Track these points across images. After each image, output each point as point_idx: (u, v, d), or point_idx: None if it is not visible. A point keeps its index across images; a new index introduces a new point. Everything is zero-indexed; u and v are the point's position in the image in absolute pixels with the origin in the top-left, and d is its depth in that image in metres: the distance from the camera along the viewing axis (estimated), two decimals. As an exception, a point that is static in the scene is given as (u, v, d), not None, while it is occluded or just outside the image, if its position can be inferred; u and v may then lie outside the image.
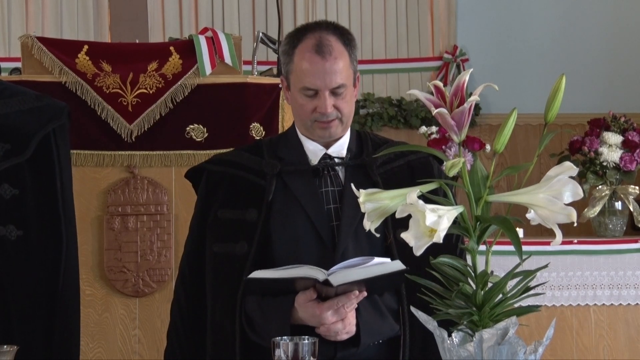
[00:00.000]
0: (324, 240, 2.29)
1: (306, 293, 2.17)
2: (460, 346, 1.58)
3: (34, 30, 4.73)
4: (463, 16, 5.21)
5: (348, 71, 2.30)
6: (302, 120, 2.35)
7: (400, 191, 1.62)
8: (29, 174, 2.60)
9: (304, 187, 2.34)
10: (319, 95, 2.28)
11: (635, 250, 3.92)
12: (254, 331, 2.27)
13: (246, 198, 2.36)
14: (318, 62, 2.27)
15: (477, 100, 1.58)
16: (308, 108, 2.31)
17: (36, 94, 2.72)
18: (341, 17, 5.16)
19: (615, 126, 4.12)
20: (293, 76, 2.32)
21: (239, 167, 2.41)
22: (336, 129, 2.34)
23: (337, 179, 2.36)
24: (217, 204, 2.39)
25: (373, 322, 2.25)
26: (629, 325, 3.89)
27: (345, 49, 2.31)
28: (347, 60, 2.30)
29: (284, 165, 2.37)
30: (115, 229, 3.39)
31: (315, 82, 2.27)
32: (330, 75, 2.26)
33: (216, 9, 5.17)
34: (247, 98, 3.45)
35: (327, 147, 2.37)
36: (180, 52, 3.45)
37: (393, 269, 2.11)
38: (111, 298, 3.39)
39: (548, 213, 1.55)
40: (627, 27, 5.06)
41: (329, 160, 2.37)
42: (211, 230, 2.38)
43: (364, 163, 2.37)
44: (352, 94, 2.34)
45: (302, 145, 2.38)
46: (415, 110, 5.06)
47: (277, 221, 2.32)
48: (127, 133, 3.39)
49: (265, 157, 2.39)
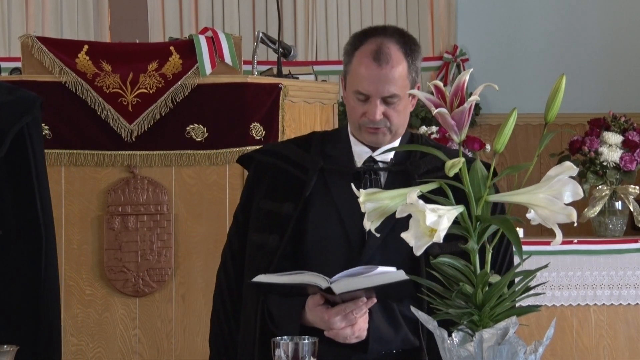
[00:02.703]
0: (352, 244, 2.27)
1: (314, 298, 2.16)
2: (461, 346, 1.58)
3: (34, 30, 4.73)
4: (463, 16, 5.20)
5: (404, 81, 2.27)
6: (352, 122, 2.34)
7: (400, 191, 1.62)
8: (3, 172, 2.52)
9: (343, 188, 2.29)
10: (370, 101, 2.25)
11: (635, 250, 3.92)
12: (273, 324, 2.28)
13: (285, 191, 2.35)
14: (374, 69, 2.24)
15: (477, 100, 1.58)
16: (358, 111, 2.29)
17: (8, 86, 2.62)
18: (341, 17, 5.16)
19: (616, 126, 4.12)
20: (349, 77, 2.30)
21: (284, 160, 2.40)
22: (384, 137, 2.30)
23: (378, 183, 2.32)
24: (260, 194, 2.39)
25: (384, 330, 2.21)
26: (629, 325, 3.89)
27: (405, 58, 2.27)
28: (404, 70, 2.26)
29: (327, 163, 2.35)
30: (115, 229, 3.39)
31: (367, 88, 2.25)
32: (383, 83, 2.23)
33: (216, 9, 5.17)
34: (247, 98, 3.45)
35: (374, 150, 2.34)
36: (180, 52, 3.45)
37: (395, 279, 2.08)
38: (111, 298, 3.39)
39: (548, 213, 1.55)
40: (627, 27, 5.06)
41: (372, 164, 2.34)
42: (252, 220, 2.39)
43: (407, 170, 2.33)
44: (406, 105, 2.30)
45: (350, 146, 2.36)
46: (416, 110, 5.05)
47: (311, 218, 2.31)
48: (127, 133, 3.39)
49: (311, 151, 2.38)
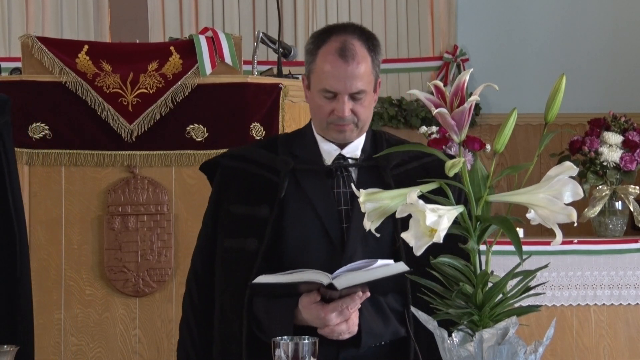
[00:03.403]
0: (333, 241, 2.28)
1: (310, 295, 2.17)
2: (461, 346, 1.58)
3: (34, 30, 4.73)
4: (463, 16, 5.20)
5: (369, 77, 2.29)
6: (319, 121, 2.34)
7: (400, 191, 1.62)
8: None
9: (317, 187, 2.32)
10: (338, 99, 2.27)
11: (635, 250, 3.92)
12: (261, 330, 2.27)
13: (258, 194, 2.35)
14: (340, 66, 2.25)
15: (477, 100, 1.58)
16: (326, 109, 2.29)
17: None
18: (341, 17, 5.15)
19: (616, 126, 4.12)
20: (314, 76, 2.31)
21: (252, 163, 2.40)
22: (351, 133, 2.32)
23: (350, 180, 2.34)
24: (229, 198, 2.38)
25: (375, 324, 2.24)
26: (629, 325, 3.89)
27: (369, 54, 2.29)
28: (369, 65, 2.28)
29: (298, 163, 2.35)
30: (115, 229, 3.39)
31: (335, 86, 2.26)
32: (351, 79, 2.25)
33: (216, 9, 5.16)
34: (247, 98, 3.45)
35: (342, 147, 2.36)
36: (180, 52, 3.45)
37: (397, 271, 2.10)
38: (111, 298, 3.39)
39: (548, 213, 1.55)
40: (627, 27, 5.06)
41: (342, 161, 2.35)
42: (222, 225, 2.38)
43: (378, 164, 2.35)
44: (371, 100, 2.32)
45: (317, 144, 2.37)
46: (416, 110, 5.06)
47: (288, 219, 2.31)
48: (127, 133, 3.39)
49: (279, 153, 2.38)
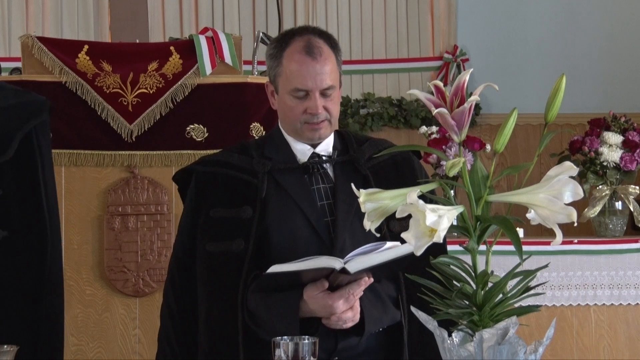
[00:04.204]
0: (320, 235, 2.30)
1: (317, 284, 2.18)
2: (461, 346, 1.58)
3: (34, 30, 4.73)
4: (463, 16, 5.21)
5: (336, 73, 2.35)
6: (291, 123, 2.37)
7: (400, 191, 1.62)
8: (11, 174, 2.53)
9: (296, 184, 2.36)
10: (310, 96, 2.31)
11: (635, 250, 3.92)
12: (259, 327, 2.27)
13: (239, 196, 2.37)
14: (309, 63, 2.30)
15: (477, 100, 1.58)
16: (298, 110, 2.33)
17: (15, 90, 2.64)
18: (341, 17, 5.16)
19: (616, 126, 4.11)
20: (282, 79, 2.34)
21: (229, 167, 2.42)
22: (325, 130, 2.37)
23: (327, 176, 2.39)
24: (208, 204, 2.39)
25: (375, 310, 2.27)
26: (629, 325, 3.89)
27: (332, 51, 2.36)
28: (334, 62, 2.35)
29: (274, 163, 2.39)
30: (115, 229, 3.39)
31: (306, 83, 2.30)
32: (320, 75, 2.30)
33: (216, 9, 5.17)
34: (247, 98, 3.45)
35: (314, 146, 2.40)
36: (180, 52, 3.45)
37: (406, 252, 2.11)
38: (111, 298, 3.39)
39: (548, 213, 1.55)
40: (627, 27, 5.06)
41: (317, 159, 2.39)
42: (203, 231, 2.38)
43: (352, 159, 2.41)
44: (338, 96, 2.38)
45: (289, 146, 2.41)
46: (416, 110, 5.06)
47: (272, 218, 2.33)
48: (127, 133, 3.39)
49: (254, 156, 2.41)
